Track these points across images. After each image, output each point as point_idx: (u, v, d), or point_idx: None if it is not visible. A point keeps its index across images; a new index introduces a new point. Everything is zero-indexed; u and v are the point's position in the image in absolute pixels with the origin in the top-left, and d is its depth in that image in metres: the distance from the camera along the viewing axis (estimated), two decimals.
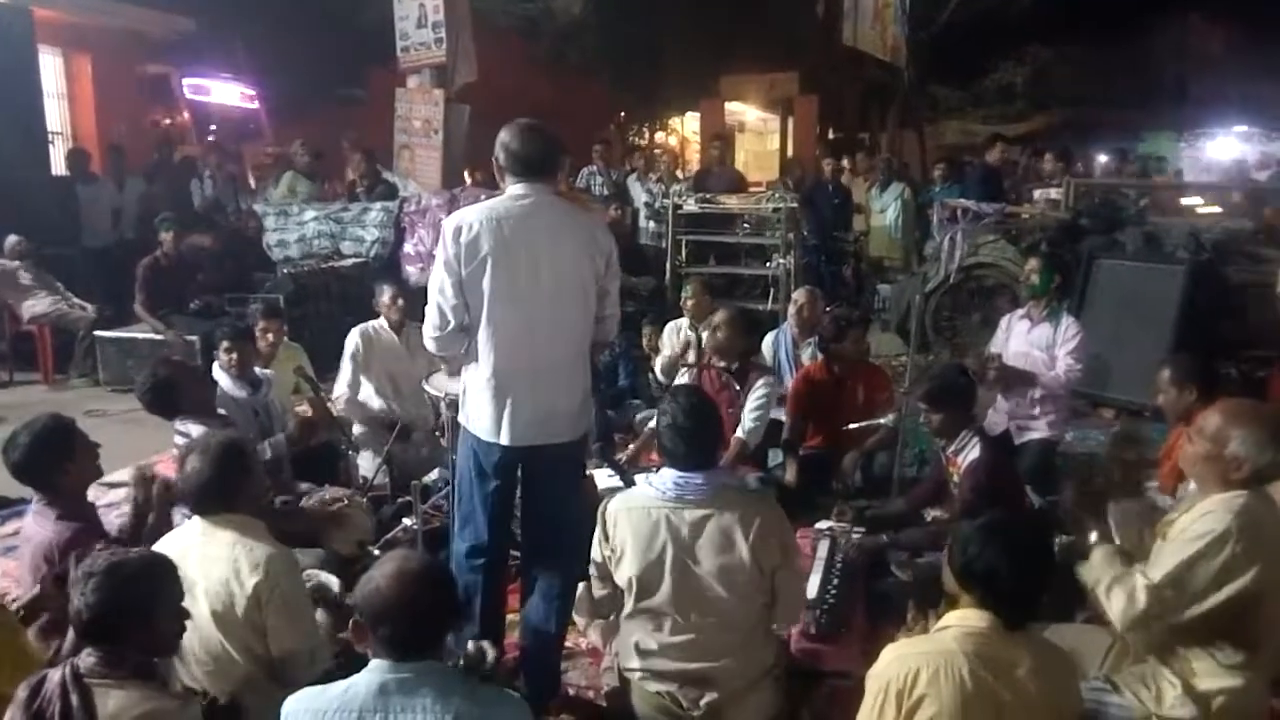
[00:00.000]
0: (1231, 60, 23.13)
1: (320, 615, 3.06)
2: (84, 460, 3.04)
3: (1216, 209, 9.06)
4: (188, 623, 2.47)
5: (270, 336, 4.93)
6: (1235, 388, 5.04)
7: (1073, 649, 2.61)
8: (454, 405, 3.24)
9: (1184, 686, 2.47)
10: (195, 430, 3.64)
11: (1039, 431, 4.73)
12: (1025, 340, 4.83)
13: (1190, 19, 23.65)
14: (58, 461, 2.96)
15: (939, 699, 1.98)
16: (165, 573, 2.16)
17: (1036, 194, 7.89)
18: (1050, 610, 3.14)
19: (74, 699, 1.95)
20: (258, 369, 4.38)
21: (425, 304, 2.94)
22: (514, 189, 2.87)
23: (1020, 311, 5.00)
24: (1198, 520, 2.45)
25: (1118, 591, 2.46)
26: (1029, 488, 4.50)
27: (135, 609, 2.06)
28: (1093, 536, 2.69)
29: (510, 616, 3.24)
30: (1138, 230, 6.86)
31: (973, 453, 3.62)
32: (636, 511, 2.63)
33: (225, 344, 4.26)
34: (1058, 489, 4.66)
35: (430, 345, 2.99)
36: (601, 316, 3.01)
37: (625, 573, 2.63)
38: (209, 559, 2.51)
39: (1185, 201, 9.73)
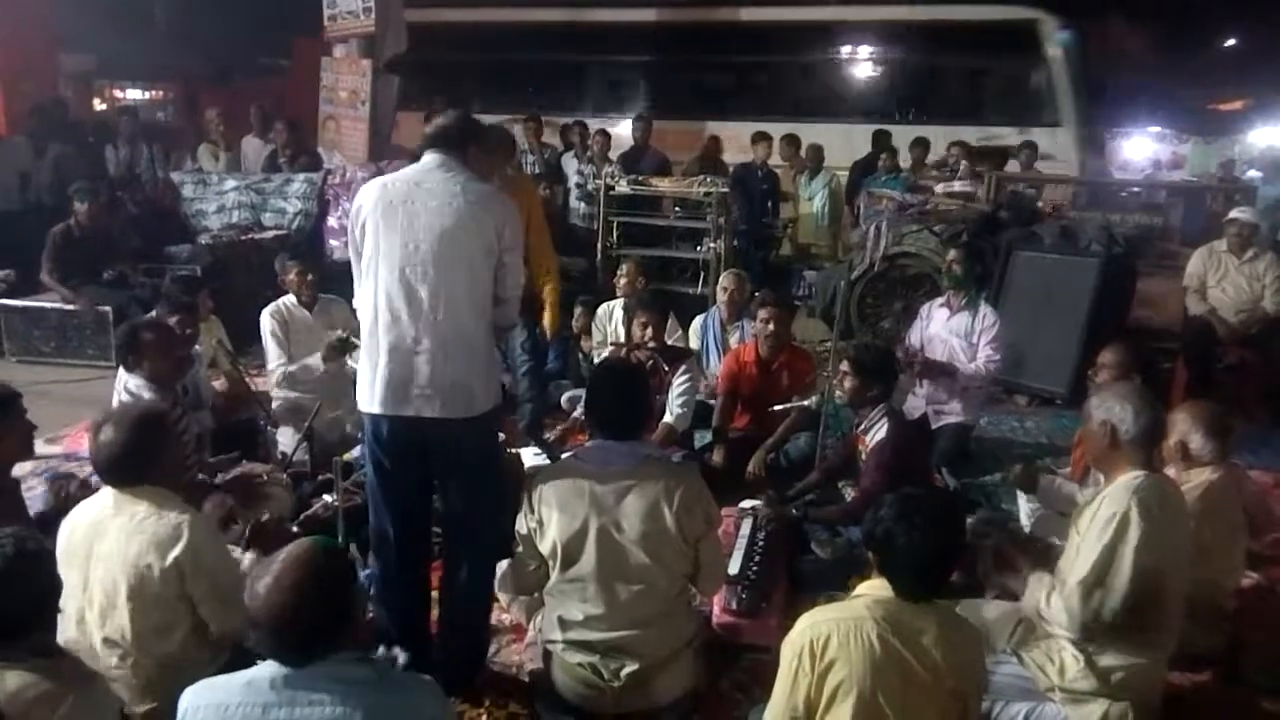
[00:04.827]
0: (1149, 63, 23.89)
1: (249, 560, 3.02)
2: (12, 434, 2.93)
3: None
4: (96, 605, 2.42)
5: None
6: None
7: (982, 624, 2.71)
8: None
9: (1086, 661, 2.58)
10: (146, 396, 3.65)
11: (954, 416, 4.88)
12: (944, 328, 4.96)
13: (1110, 20, 24.35)
14: None
15: (849, 663, 2.03)
16: (47, 557, 2.11)
17: (939, 187, 8.06)
18: (961, 587, 3.26)
19: None
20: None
21: (346, 277, 2.91)
22: (420, 160, 2.87)
23: (940, 300, 5.13)
24: (1101, 507, 2.56)
25: (1055, 601, 2.56)
26: (944, 469, 4.64)
27: (25, 604, 2.01)
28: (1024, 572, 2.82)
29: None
30: (1055, 224, 7.07)
31: (880, 433, 3.72)
32: (561, 481, 2.65)
33: (176, 318, 4.16)
34: (971, 471, 4.84)
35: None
36: (502, 298, 2.88)
37: (549, 540, 2.64)
38: (124, 532, 2.44)
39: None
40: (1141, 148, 17.21)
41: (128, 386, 3.76)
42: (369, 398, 2.80)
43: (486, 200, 2.81)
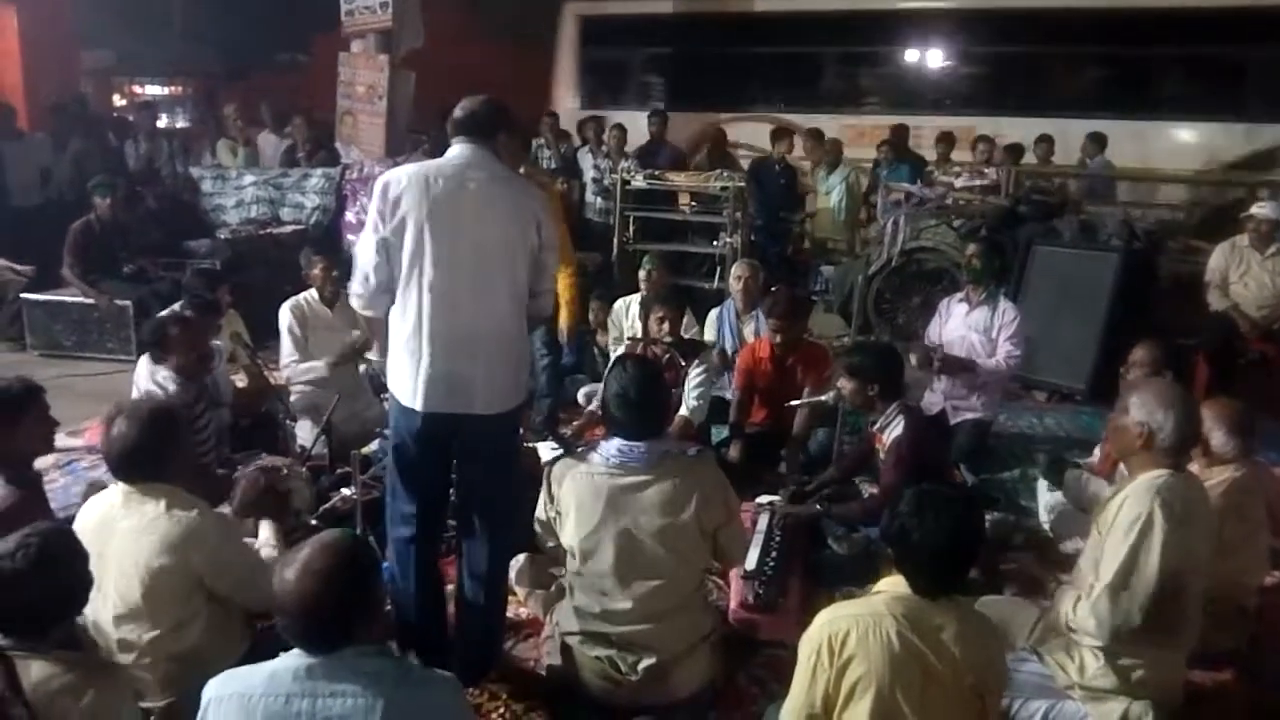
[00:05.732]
0: None
1: (265, 531, 3.03)
2: (35, 428, 2.93)
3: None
4: (110, 604, 2.44)
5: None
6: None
7: (1002, 621, 2.70)
8: None
9: (1106, 659, 2.57)
10: (172, 388, 3.73)
11: (973, 412, 4.84)
12: (963, 323, 4.92)
13: None
14: (4, 425, 2.83)
15: (867, 659, 2.02)
16: (77, 553, 2.11)
17: (958, 180, 7.96)
18: (980, 584, 3.25)
19: None
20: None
21: None
22: (451, 150, 2.83)
23: (958, 295, 5.09)
24: (1123, 507, 2.54)
25: (1082, 609, 2.55)
26: (963, 466, 4.62)
27: (54, 598, 2.02)
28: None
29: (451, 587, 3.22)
30: (1074, 218, 7.01)
31: (896, 429, 3.70)
32: (581, 475, 2.66)
33: (191, 313, 4.20)
34: (990, 467, 4.81)
35: (355, 304, 2.93)
36: (537, 291, 2.90)
37: (568, 536, 2.66)
38: (135, 532, 2.45)
39: None
40: None
41: (156, 378, 3.79)
42: (411, 394, 2.79)
43: (526, 198, 2.82)
